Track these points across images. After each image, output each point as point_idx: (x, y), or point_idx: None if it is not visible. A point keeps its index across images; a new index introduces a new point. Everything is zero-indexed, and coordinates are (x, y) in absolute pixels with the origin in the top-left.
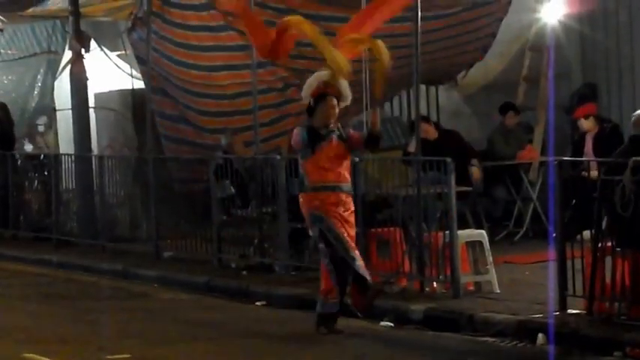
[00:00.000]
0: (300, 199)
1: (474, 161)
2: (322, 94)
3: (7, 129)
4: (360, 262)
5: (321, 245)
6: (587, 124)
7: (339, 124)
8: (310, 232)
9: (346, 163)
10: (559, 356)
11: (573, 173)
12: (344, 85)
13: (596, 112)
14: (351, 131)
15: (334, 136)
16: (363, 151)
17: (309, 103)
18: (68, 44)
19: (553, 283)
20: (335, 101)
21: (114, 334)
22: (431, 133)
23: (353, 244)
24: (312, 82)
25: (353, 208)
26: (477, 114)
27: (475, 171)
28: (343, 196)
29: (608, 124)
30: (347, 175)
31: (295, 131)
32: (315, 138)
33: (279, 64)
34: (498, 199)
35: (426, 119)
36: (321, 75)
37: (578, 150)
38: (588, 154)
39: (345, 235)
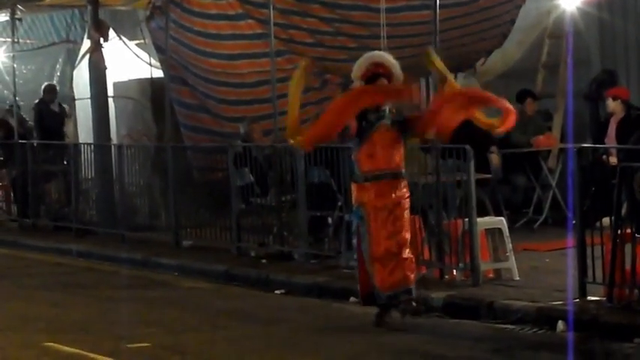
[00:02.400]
0: (352, 188)
1: (493, 148)
2: (373, 76)
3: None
4: (374, 278)
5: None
6: (612, 105)
7: (394, 108)
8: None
9: (398, 150)
10: (579, 343)
11: (593, 156)
12: (396, 65)
13: (625, 97)
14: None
15: (385, 122)
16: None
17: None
18: (87, 33)
19: (572, 270)
20: (386, 82)
21: (134, 322)
22: None
23: (377, 258)
24: (361, 63)
25: (408, 196)
26: None
27: (494, 158)
28: (396, 183)
29: (635, 112)
30: (399, 162)
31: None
32: (363, 127)
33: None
34: (518, 186)
35: None
36: (370, 55)
37: (603, 132)
38: (610, 137)
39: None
